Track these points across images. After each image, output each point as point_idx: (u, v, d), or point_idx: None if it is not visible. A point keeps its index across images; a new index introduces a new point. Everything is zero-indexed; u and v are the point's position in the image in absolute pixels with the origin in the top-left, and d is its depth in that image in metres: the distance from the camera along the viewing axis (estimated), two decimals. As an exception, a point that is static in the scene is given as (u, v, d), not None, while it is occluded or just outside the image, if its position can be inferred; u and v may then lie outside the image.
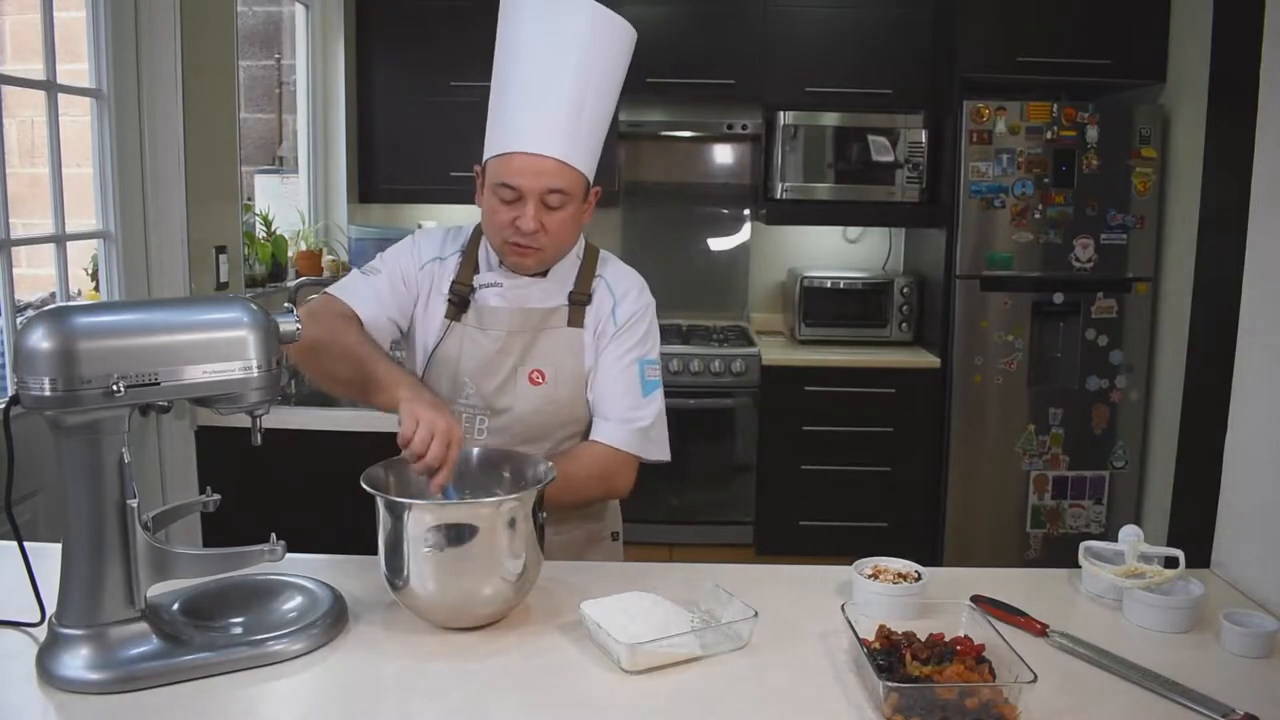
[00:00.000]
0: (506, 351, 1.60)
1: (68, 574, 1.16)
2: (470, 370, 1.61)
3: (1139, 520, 3.68)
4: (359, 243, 3.75)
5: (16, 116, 3.43)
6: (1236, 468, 1.56)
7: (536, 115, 1.49)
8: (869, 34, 3.81)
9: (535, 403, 1.60)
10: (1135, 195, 3.55)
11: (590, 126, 1.52)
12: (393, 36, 3.81)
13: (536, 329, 1.61)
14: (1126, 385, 3.64)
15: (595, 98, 1.52)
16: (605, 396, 1.61)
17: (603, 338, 1.62)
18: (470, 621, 1.30)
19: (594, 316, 1.63)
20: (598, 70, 1.51)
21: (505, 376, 1.60)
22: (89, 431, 1.13)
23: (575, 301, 1.62)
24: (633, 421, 1.60)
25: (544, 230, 1.51)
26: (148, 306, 1.51)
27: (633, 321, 1.63)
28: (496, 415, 1.61)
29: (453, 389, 1.62)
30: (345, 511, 1.96)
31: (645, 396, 1.62)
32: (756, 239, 4.34)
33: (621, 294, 1.65)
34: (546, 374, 1.60)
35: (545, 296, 1.62)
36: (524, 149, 1.48)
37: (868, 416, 3.73)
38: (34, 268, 3.52)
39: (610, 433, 1.59)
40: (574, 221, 1.56)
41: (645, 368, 1.63)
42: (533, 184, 1.48)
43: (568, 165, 1.49)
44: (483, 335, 1.61)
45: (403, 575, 1.26)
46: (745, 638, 1.27)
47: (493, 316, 1.61)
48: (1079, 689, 1.18)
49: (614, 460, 1.59)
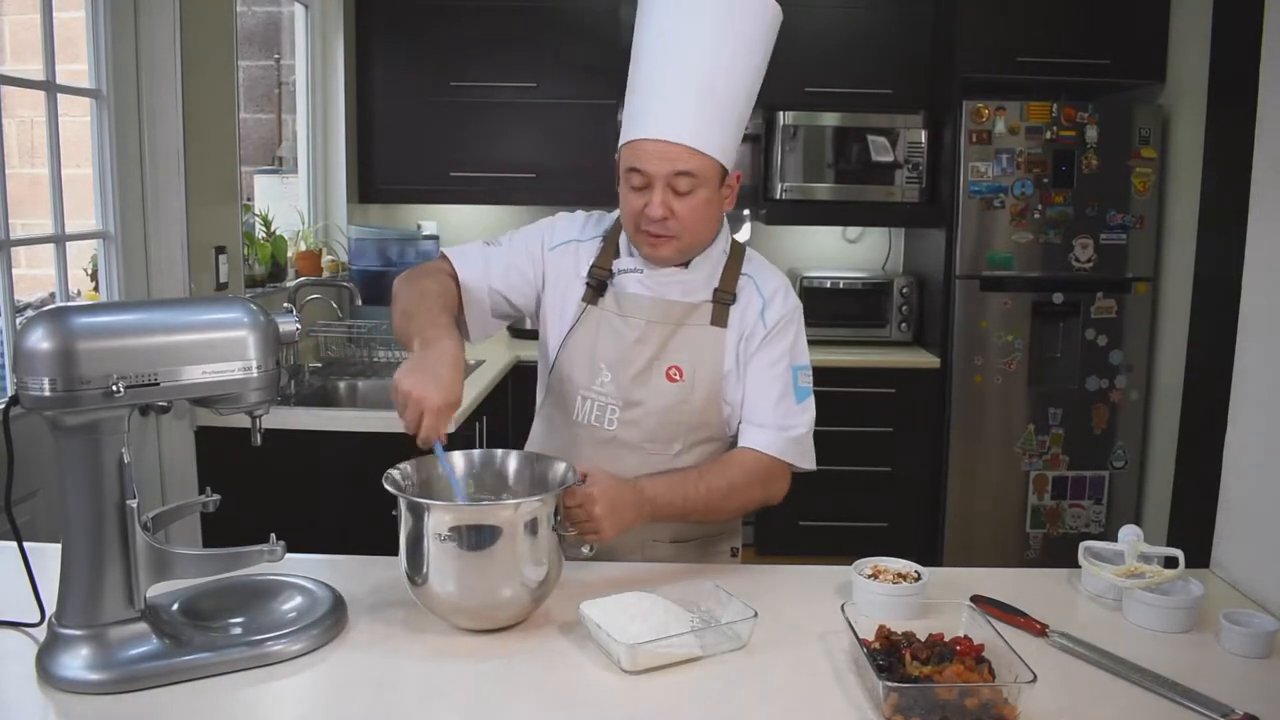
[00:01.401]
0: (645, 341, 1.56)
1: (67, 574, 1.16)
2: (607, 357, 1.57)
3: (1139, 520, 3.68)
4: (359, 243, 3.75)
5: (16, 116, 3.43)
6: (1236, 468, 1.56)
7: (662, 99, 1.46)
8: (869, 34, 3.80)
9: (670, 399, 1.56)
10: (1135, 195, 3.55)
11: (723, 108, 1.48)
12: (393, 36, 3.81)
13: (678, 323, 1.56)
14: (1126, 385, 3.64)
15: (728, 79, 1.47)
16: (758, 402, 1.56)
17: (751, 340, 1.57)
18: (489, 623, 1.30)
19: (740, 317, 1.58)
20: (731, 50, 1.47)
21: (642, 368, 1.56)
22: (88, 432, 1.13)
23: (720, 300, 1.57)
24: (788, 430, 1.55)
25: (674, 216, 1.48)
26: (147, 307, 1.51)
27: (783, 324, 1.58)
28: (629, 408, 1.57)
29: (588, 375, 1.58)
30: (345, 511, 1.96)
31: (799, 404, 1.57)
32: (756, 239, 4.33)
33: (770, 294, 1.59)
34: (684, 371, 1.56)
35: (688, 291, 1.57)
36: (649, 135, 1.46)
37: (868, 416, 3.73)
38: (34, 268, 3.52)
39: (765, 440, 1.54)
40: (707, 208, 1.50)
41: (799, 374, 1.58)
42: (658, 168, 1.46)
43: (695, 151, 1.45)
44: (622, 322, 1.57)
45: (421, 573, 1.26)
46: (745, 638, 1.27)
47: (633, 303, 1.57)
48: (1078, 689, 1.18)
49: (772, 468, 1.55)
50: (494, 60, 3.77)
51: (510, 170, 3.81)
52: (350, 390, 3.18)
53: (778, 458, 1.54)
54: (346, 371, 3.25)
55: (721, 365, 1.57)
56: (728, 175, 1.53)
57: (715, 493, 1.50)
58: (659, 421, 1.56)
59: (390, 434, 1.38)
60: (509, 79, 3.75)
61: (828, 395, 3.81)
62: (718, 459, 1.57)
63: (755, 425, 1.56)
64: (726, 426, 1.61)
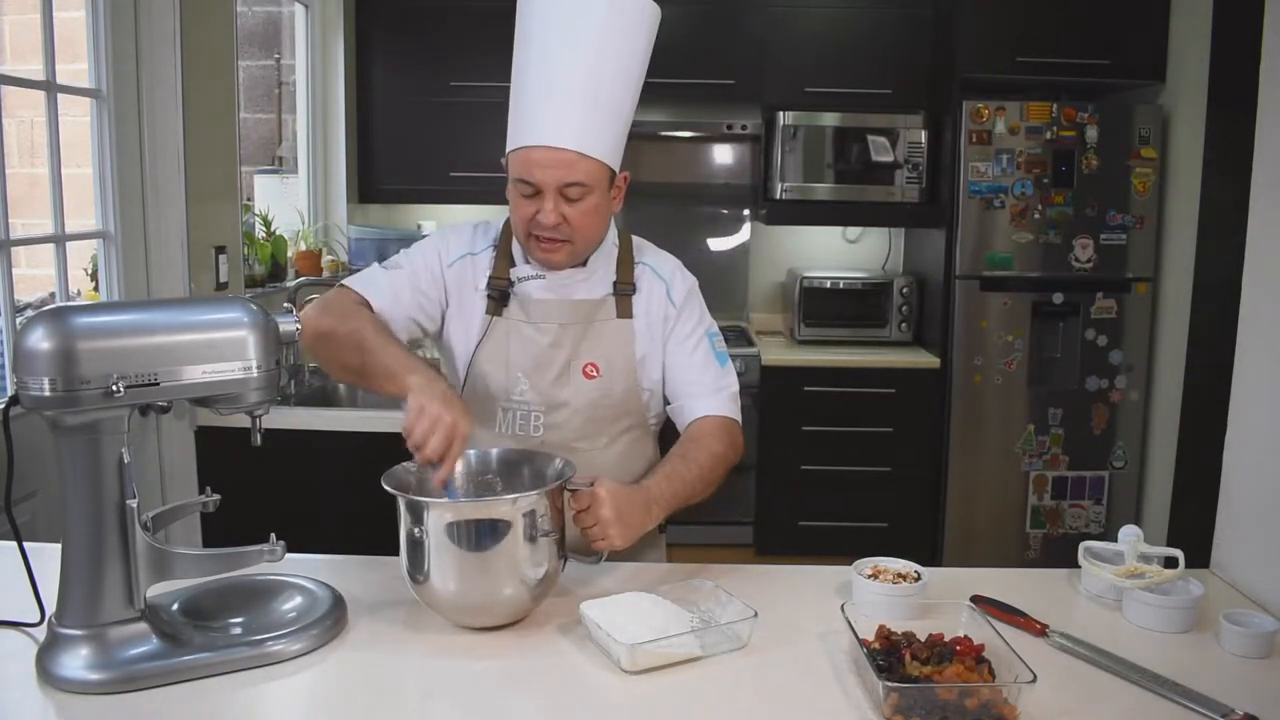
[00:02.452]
0: (559, 345, 1.57)
1: (67, 574, 1.16)
2: (523, 365, 1.57)
3: (1139, 520, 3.68)
4: (358, 243, 3.75)
5: (16, 116, 3.43)
6: (1236, 468, 1.56)
7: (549, 106, 1.45)
8: (869, 34, 3.80)
9: (591, 396, 1.58)
10: (1135, 195, 3.55)
11: (609, 112, 1.48)
12: (392, 36, 3.81)
13: (587, 320, 1.58)
14: (1126, 385, 3.64)
15: (613, 82, 1.48)
16: (689, 374, 1.60)
17: (665, 323, 1.61)
18: (490, 619, 1.30)
19: (644, 304, 1.61)
20: (615, 51, 1.47)
21: (560, 370, 1.57)
22: (89, 432, 1.13)
23: (621, 292, 1.60)
24: (724, 389, 1.60)
25: (566, 223, 1.48)
26: (147, 307, 1.51)
27: (688, 299, 1.63)
28: (553, 411, 1.58)
29: (505, 386, 1.58)
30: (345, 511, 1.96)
31: (724, 367, 1.62)
32: (756, 239, 4.34)
33: (669, 276, 1.64)
34: (600, 366, 1.58)
35: (590, 288, 1.59)
36: (537, 142, 1.46)
37: (868, 416, 3.73)
38: (34, 268, 3.52)
39: (712, 404, 1.59)
40: (598, 212, 1.51)
41: (714, 340, 1.64)
42: (548, 177, 1.45)
43: (584, 155, 1.45)
44: (532, 329, 1.58)
45: (422, 570, 1.26)
46: (745, 638, 1.27)
47: (541, 309, 1.58)
48: (1078, 689, 1.18)
49: (728, 427, 1.58)
50: (494, 60, 3.75)
51: (510, 170, 3.81)
52: (350, 390, 3.18)
53: (728, 416, 1.59)
54: (346, 371, 3.24)
55: (634, 354, 1.59)
56: (615, 176, 1.54)
57: (704, 468, 1.51)
58: (585, 419, 1.58)
59: (390, 434, 1.38)
60: (509, 79, 3.74)
61: (828, 395, 3.88)
62: (687, 437, 1.58)
63: (696, 395, 1.60)
64: (646, 410, 1.64)
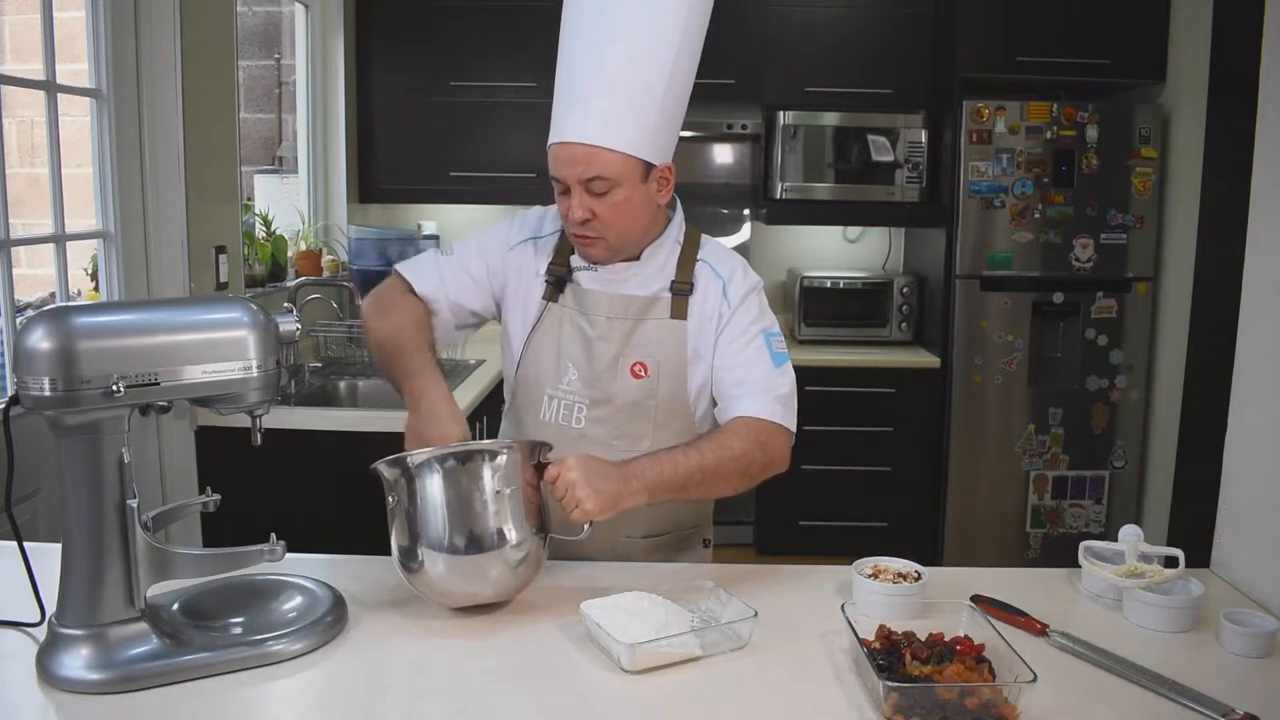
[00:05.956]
0: (606, 339, 1.55)
1: (67, 574, 1.16)
2: (573, 355, 1.56)
3: (1139, 520, 3.68)
4: (359, 243, 3.75)
5: (16, 116, 3.43)
6: (1236, 468, 1.56)
7: (571, 101, 1.46)
8: (869, 34, 3.80)
9: (636, 396, 1.55)
10: (1135, 195, 3.55)
11: (634, 101, 1.44)
12: (392, 36, 3.80)
13: (637, 318, 1.55)
14: (1126, 385, 3.63)
15: (639, 69, 1.43)
16: (735, 372, 1.53)
17: (719, 320, 1.55)
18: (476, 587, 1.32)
19: (700, 303, 1.56)
20: (641, 39, 1.44)
21: (607, 365, 1.55)
22: (89, 431, 1.13)
23: (677, 292, 1.55)
24: (771, 390, 1.51)
25: (596, 218, 1.46)
26: (147, 307, 1.52)
27: (747, 297, 1.56)
28: (596, 405, 1.56)
29: (554, 374, 1.57)
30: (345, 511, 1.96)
31: (778, 368, 1.53)
32: (756, 239, 4.33)
33: (729, 274, 1.58)
34: (649, 367, 1.54)
35: (643, 284, 1.56)
36: (557, 138, 1.47)
37: (868, 416, 3.73)
38: (34, 268, 3.52)
39: (753, 404, 1.50)
40: (630, 205, 1.47)
41: (772, 340, 1.55)
42: (569, 173, 1.45)
43: (599, 149, 1.43)
44: (584, 319, 1.56)
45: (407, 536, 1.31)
46: (745, 638, 1.27)
47: (590, 300, 1.56)
48: (1079, 689, 1.18)
49: (763, 429, 1.48)
50: (494, 60, 3.77)
51: (510, 170, 3.81)
52: (350, 390, 3.18)
53: (768, 419, 1.50)
54: (346, 371, 3.25)
55: (685, 356, 1.55)
56: (654, 168, 1.49)
57: (709, 460, 1.43)
58: (628, 417, 1.56)
59: (390, 434, 1.38)
60: (509, 79, 3.75)
61: (828, 395, 3.87)
62: (712, 432, 1.52)
63: (740, 395, 1.52)
64: (693, 415, 1.59)
